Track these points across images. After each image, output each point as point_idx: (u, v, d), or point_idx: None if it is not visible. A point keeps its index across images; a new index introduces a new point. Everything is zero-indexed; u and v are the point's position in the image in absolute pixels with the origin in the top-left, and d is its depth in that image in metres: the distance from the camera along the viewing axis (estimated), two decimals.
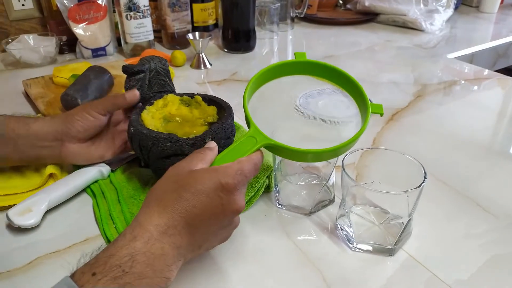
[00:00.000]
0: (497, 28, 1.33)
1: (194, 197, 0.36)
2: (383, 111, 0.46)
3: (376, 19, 1.32)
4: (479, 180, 0.58)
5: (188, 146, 0.48)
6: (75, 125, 0.52)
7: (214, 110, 0.55)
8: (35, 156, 0.53)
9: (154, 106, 0.55)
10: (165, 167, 0.48)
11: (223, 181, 0.37)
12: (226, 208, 0.37)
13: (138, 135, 0.50)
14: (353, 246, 0.46)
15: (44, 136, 0.52)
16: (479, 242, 0.47)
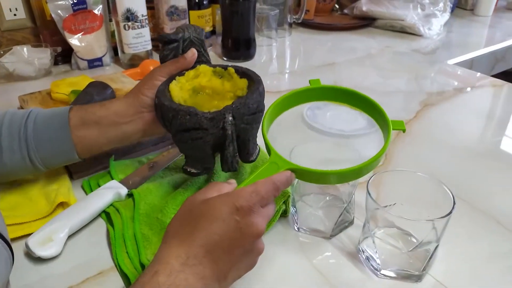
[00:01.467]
0: (492, 32, 1.34)
1: (211, 224, 0.36)
2: (404, 127, 0.45)
3: (374, 24, 1.32)
4: (496, 194, 0.57)
5: (207, 120, 0.46)
6: (147, 93, 0.52)
7: (245, 83, 0.52)
8: (121, 135, 0.53)
9: (185, 76, 0.53)
10: (185, 140, 0.49)
11: (237, 204, 0.36)
12: (244, 231, 0.36)
13: (160, 106, 0.49)
14: (379, 273, 0.44)
15: (125, 112, 0.52)
16: (504, 264, 0.46)
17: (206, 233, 0.35)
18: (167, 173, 0.59)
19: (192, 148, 0.49)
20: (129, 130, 0.53)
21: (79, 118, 0.51)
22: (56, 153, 0.52)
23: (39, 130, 0.51)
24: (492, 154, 0.67)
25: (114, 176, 0.58)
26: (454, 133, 0.73)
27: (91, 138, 0.52)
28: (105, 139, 0.53)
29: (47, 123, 0.51)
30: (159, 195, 0.53)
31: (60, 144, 0.51)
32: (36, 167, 0.52)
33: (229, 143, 0.47)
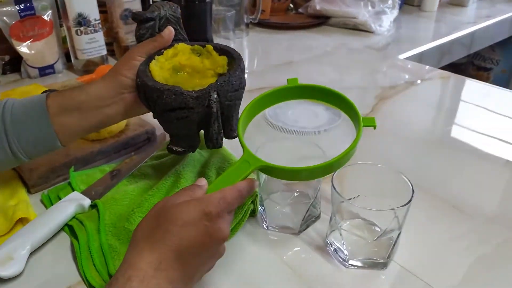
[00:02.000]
0: (438, 26, 1.41)
1: (182, 229, 0.37)
2: (375, 124, 0.47)
3: (328, 22, 1.35)
4: (450, 180, 0.60)
5: (193, 100, 0.46)
6: (127, 74, 0.51)
7: (225, 60, 0.53)
8: (103, 118, 0.52)
9: (163, 55, 0.53)
10: (170, 119, 0.49)
11: (207, 210, 0.37)
12: (212, 236, 0.38)
13: (143, 87, 0.48)
14: (347, 263, 0.46)
15: (106, 95, 0.51)
16: (462, 245, 0.49)
17: (177, 237, 0.36)
18: (131, 180, 0.58)
19: (178, 127, 0.50)
20: (111, 112, 0.52)
21: (58, 105, 0.50)
22: (38, 143, 0.50)
23: (18, 121, 0.49)
24: (444, 142, 0.71)
25: (75, 187, 0.56)
26: (408, 125, 0.76)
27: (73, 125, 0.50)
28: (87, 124, 0.51)
29: (25, 113, 0.49)
30: (124, 203, 0.52)
31: (41, 134, 0.49)
32: (18, 159, 0.50)
33: (214, 120, 0.48)
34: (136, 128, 0.67)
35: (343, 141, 0.49)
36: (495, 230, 0.51)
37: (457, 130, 0.75)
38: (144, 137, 0.67)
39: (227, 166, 0.57)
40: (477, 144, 0.70)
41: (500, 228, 0.51)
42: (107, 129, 0.64)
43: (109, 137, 0.65)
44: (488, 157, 0.66)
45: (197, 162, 0.59)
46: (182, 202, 0.38)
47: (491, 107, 0.83)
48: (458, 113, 0.81)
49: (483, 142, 0.71)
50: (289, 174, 0.44)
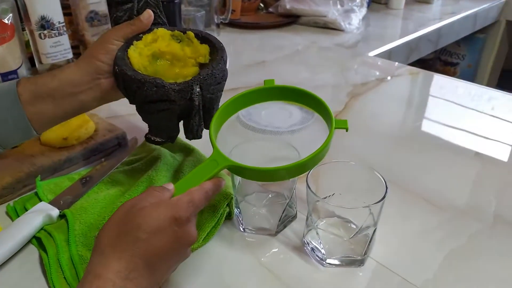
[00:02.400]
0: (405, 23, 1.44)
1: (151, 236, 0.36)
2: (347, 126, 0.46)
3: (298, 21, 1.35)
4: (421, 174, 0.61)
5: (175, 93, 0.45)
6: (103, 59, 0.49)
7: (207, 49, 0.51)
8: (78, 105, 0.50)
9: (142, 41, 0.50)
10: (151, 111, 0.47)
11: (177, 215, 0.37)
12: (181, 241, 0.38)
13: (122, 76, 0.46)
14: (324, 262, 0.46)
15: (80, 81, 0.49)
16: (435, 238, 0.50)
17: (146, 245, 0.35)
18: (102, 188, 0.56)
19: (158, 118, 0.48)
20: (86, 99, 0.50)
21: (30, 92, 0.47)
22: (12, 133, 0.48)
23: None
24: (414, 137, 0.72)
25: (42, 197, 0.54)
26: (379, 121, 0.77)
27: (47, 113, 0.48)
28: (62, 111, 0.49)
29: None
30: (95, 212, 0.51)
31: (14, 123, 0.47)
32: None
33: (195, 113, 0.47)
34: (106, 134, 0.65)
35: (317, 140, 0.49)
36: (466, 222, 0.52)
37: (427, 125, 0.76)
38: (114, 142, 0.66)
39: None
40: (446, 137, 0.72)
41: (471, 220, 0.52)
42: (75, 136, 0.62)
43: (77, 144, 0.63)
44: (458, 149, 0.68)
45: (170, 167, 0.57)
46: (150, 206, 0.37)
47: (458, 101, 0.85)
48: (427, 108, 0.83)
49: (452, 135, 0.72)
50: (259, 174, 0.44)
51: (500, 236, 0.50)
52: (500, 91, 0.88)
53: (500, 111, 0.80)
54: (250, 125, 0.72)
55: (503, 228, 0.51)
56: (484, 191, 0.58)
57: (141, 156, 0.61)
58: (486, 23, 1.65)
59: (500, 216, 0.53)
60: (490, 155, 0.66)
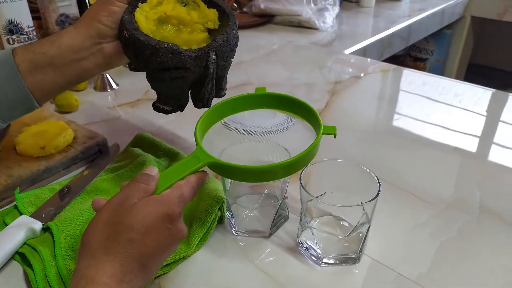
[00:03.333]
0: (377, 21, 1.46)
1: (144, 236, 0.35)
2: (335, 132, 0.45)
3: (273, 21, 1.36)
4: (405, 169, 0.62)
5: (191, 60, 0.44)
6: (105, 22, 0.46)
7: (215, 14, 0.50)
8: (80, 72, 0.48)
9: (148, 3, 0.48)
10: (163, 78, 0.45)
11: (170, 211, 0.36)
12: (174, 237, 0.37)
13: (133, 41, 0.44)
14: (321, 262, 0.46)
15: (81, 46, 0.46)
16: (427, 232, 0.50)
17: (140, 245, 0.34)
18: (86, 197, 0.54)
19: (170, 86, 0.47)
20: (89, 66, 0.47)
21: (28, 62, 0.45)
22: (13, 105, 0.45)
23: None
24: (395, 133, 0.74)
25: (23, 210, 0.51)
26: (360, 118, 0.78)
27: (48, 82, 0.46)
28: (63, 80, 0.47)
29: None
30: (81, 223, 0.49)
31: (15, 95, 0.45)
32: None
33: (209, 81, 0.46)
34: (86, 141, 0.63)
35: (305, 138, 0.49)
36: (454, 215, 0.53)
37: (406, 121, 0.78)
38: (95, 150, 0.63)
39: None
40: (425, 133, 0.73)
41: (459, 212, 0.53)
42: (53, 144, 0.59)
43: (56, 153, 0.60)
44: (437, 145, 0.69)
45: None
46: (140, 203, 0.36)
47: (435, 96, 0.87)
48: (407, 104, 0.84)
49: (430, 131, 0.74)
50: (243, 173, 0.42)
51: (487, 226, 0.51)
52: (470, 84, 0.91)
53: (468, 103, 0.82)
54: (236, 127, 0.71)
55: (489, 218, 0.52)
56: (467, 183, 0.59)
57: (125, 163, 0.59)
58: (453, 19, 1.70)
59: (485, 206, 0.54)
60: (467, 149, 0.68)
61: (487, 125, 0.75)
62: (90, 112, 0.80)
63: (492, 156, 0.66)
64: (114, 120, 0.77)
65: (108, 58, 0.48)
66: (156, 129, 0.73)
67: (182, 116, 0.77)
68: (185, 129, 0.72)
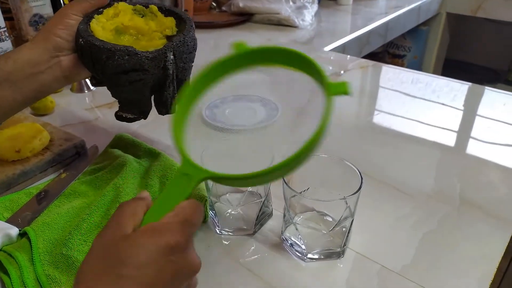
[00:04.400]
0: (355, 19, 1.48)
1: (139, 272, 0.29)
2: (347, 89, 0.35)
3: (252, 19, 1.35)
4: (386, 164, 0.63)
5: (148, 61, 0.43)
6: (62, 35, 0.46)
7: (173, 22, 0.50)
8: (38, 87, 0.47)
9: (104, 15, 0.48)
10: (122, 83, 0.44)
11: (173, 242, 0.29)
12: (183, 272, 0.31)
13: (89, 47, 0.44)
14: (305, 257, 0.46)
15: (38, 60, 0.46)
16: (409, 224, 0.51)
17: (133, 282, 0.28)
18: (64, 201, 0.53)
19: (129, 91, 0.46)
20: (47, 80, 0.47)
21: None
22: None
23: None
24: (375, 128, 0.74)
25: None
26: (341, 114, 0.79)
27: (6, 99, 0.45)
28: (22, 96, 0.46)
29: None
30: (59, 227, 0.47)
31: None
32: None
33: (169, 83, 0.46)
34: (63, 143, 0.61)
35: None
36: (435, 207, 0.54)
37: (387, 117, 0.79)
38: (72, 152, 0.62)
39: (170, 174, 0.54)
40: (405, 128, 0.74)
41: (440, 204, 0.54)
42: (29, 148, 0.58)
43: (32, 156, 0.58)
44: (418, 139, 0.70)
45: (137, 173, 0.55)
46: (135, 233, 0.30)
47: (413, 91, 0.88)
48: (387, 100, 0.85)
49: (410, 126, 0.75)
50: (242, 181, 0.36)
51: (467, 216, 0.52)
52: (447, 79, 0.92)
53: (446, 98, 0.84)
54: (217, 126, 0.70)
55: (469, 208, 0.53)
56: (447, 176, 0.60)
57: (104, 165, 0.58)
58: (429, 15, 1.73)
59: (465, 198, 0.55)
60: (446, 143, 0.69)
61: (465, 119, 0.77)
62: (67, 114, 0.78)
63: (470, 149, 0.68)
64: (92, 122, 0.75)
65: (66, 71, 0.48)
66: (136, 129, 0.72)
67: (161, 116, 0.76)
68: (165, 128, 0.71)
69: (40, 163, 0.58)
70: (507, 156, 0.64)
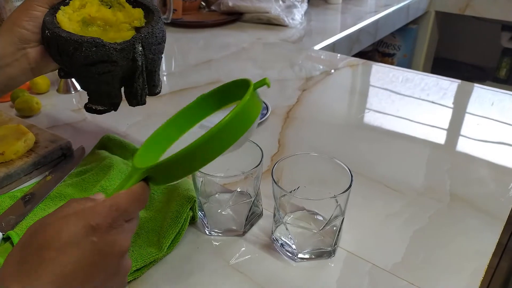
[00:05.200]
0: (344, 17, 1.48)
1: (61, 253, 0.29)
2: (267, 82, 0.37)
3: (242, 19, 1.35)
4: (376, 161, 0.63)
5: (116, 52, 0.43)
6: (27, 26, 0.45)
7: (141, 13, 0.49)
8: (5, 80, 0.46)
9: (70, 6, 0.47)
10: (90, 75, 0.44)
11: (93, 223, 0.30)
12: (106, 253, 0.31)
13: (55, 39, 0.43)
14: (296, 257, 0.45)
15: (4, 53, 0.45)
16: (399, 221, 0.51)
17: (56, 265, 0.28)
18: (49, 204, 0.51)
19: (98, 82, 0.45)
20: (14, 72, 0.46)
21: None
22: None
23: None
24: (365, 126, 0.74)
25: None
26: (331, 113, 0.78)
27: None
28: None
29: None
30: None
31: None
32: None
33: (138, 74, 0.45)
34: (48, 145, 0.60)
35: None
36: (425, 203, 0.54)
37: (376, 115, 0.78)
38: (58, 154, 0.60)
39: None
40: (394, 126, 0.74)
41: (430, 201, 0.54)
42: (13, 150, 0.56)
43: (16, 159, 0.57)
44: (407, 137, 0.70)
45: (124, 174, 0.54)
46: (60, 218, 0.31)
47: (402, 89, 0.88)
48: (377, 98, 0.85)
49: (400, 123, 0.75)
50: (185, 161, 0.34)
51: (458, 213, 0.52)
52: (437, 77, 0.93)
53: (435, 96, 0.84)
54: None
55: (459, 204, 0.53)
56: (437, 172, 0.60)
57: (91, 166, 0.57)
58: (418, 14, 1.74)
59: (455, 194, 0.55)
60: (435, 140, 0.69)
61: (454, 116, 0.77)
62: (53, 116, 0.76)
63: (459, 146, 0.68)
64: (79, 123, 0.74)
65: (33, 63, 0.47)
66: (124, 130, 0.71)
67: (151, 117, 0.75)
68: (154, 128, 0.70)
69: (25, 165, 0.57)
70: (496, 153, 0.64)
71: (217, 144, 0.34)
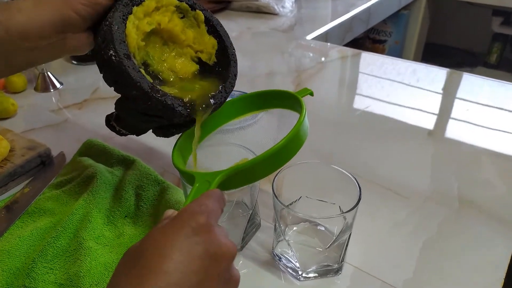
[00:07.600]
0: (335, 5, 1.43)
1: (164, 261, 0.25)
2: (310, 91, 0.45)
3: (230, 7, 1.29)
4: (379, 164, 0.59)
5: (182, 118, 0.38)
6: (81, 11, 0.36)
7: (215, 47, 0.43)
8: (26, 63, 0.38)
9: (144, 7, 0.39)
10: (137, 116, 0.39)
11: (193, 224, 0.26)
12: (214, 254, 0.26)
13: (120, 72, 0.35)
14: (301, 276, 0.42)
15: (39, 34, 0.35)
16: (406, 231, 0.48)
17: (159, 275, 0.24)
18: (27, 220, 0.47)
19: (140, 122, 0.41)
20: (39, 57, 0.38)
21: None
22: None
23: None
24: (367, 122, 0.71)
25: None
26: (326, 108, 0.75)
27: None
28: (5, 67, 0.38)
29: None
30: (21, 254, 0.42)
31: None
32: None
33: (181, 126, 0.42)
34: (25, 153, 0.55)
35: (268, 135, 0.45)
36: (433, 209, 0.50)
37: (376, 108, 0.75)
38: (37, 162, 0.55)
39: (146, 184, 0.49)
40: (398, 116, 0.71)
41: (438, 207, 0.51)
42: None
43: None
44: (411, 129, 0.67)
45: (109, 185, 0.49)
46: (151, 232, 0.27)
47: (397, 78, 0.85)
48: (372, 90, 0.82)
49: (403, 114, 0.71)
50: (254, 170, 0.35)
51: (468, 219, 0.49)
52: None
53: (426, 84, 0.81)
54: None
55: (469, 210, 0.50)
56: (444, 173, 0.57)
57: (72, 176, 0.52)
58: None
59: (464, 198, 0.52)
60: (439, 135, 0.66)
61: (444, 103, 0.74)
62: (30, 117, 0.71)
63: (468, 140, 0.65)
64: (59, 125, 0.69)
65: (67, 51, 0.39)
66: (108, 132, 0.65)
67: None
68: None
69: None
70: (500, 143, 0.62)
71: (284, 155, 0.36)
